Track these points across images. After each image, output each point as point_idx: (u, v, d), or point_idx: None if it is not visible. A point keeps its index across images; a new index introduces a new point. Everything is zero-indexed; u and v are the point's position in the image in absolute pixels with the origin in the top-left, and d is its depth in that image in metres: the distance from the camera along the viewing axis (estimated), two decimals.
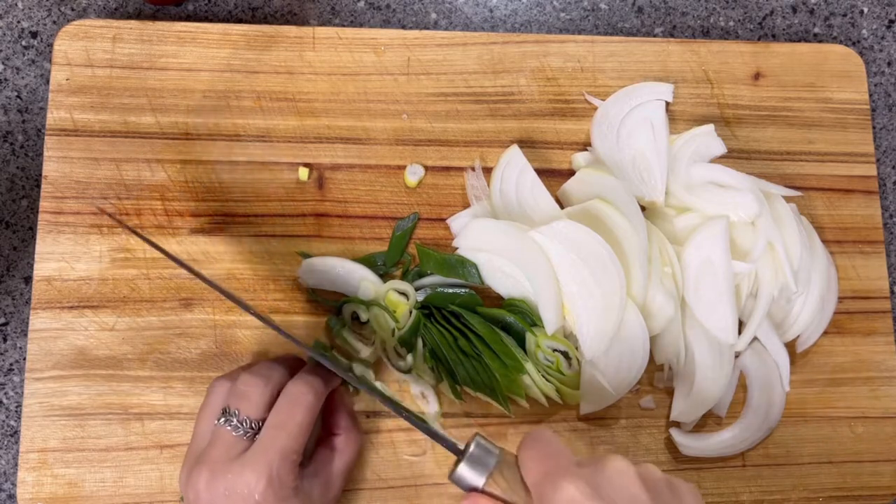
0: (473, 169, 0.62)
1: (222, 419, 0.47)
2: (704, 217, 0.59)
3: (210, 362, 0.57)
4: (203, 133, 0.60)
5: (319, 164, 0.61)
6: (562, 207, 0.61)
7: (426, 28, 0.67)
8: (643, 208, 0.60)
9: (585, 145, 0.63)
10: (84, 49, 0.60)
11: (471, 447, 0.44)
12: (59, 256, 0.58)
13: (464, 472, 0.43)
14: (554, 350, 0.57)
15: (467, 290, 0.58)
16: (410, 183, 0.61)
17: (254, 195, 0.60)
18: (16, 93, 0.62)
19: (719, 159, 0.63)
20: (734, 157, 0.64)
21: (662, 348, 0.59)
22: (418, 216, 0.61)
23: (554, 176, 0.62)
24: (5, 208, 0.61)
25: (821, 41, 0.70)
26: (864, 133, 0.66)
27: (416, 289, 0.58)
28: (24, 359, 0.59)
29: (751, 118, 0.65)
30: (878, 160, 0.68)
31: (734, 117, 0.65)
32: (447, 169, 0.62)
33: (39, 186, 0.60)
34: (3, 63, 0.63)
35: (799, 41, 0.70)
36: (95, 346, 0.57)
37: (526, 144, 0.62)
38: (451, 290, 0.58)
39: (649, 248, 0.57)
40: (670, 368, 0.60)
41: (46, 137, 0.59)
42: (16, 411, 0.59)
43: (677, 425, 0.59)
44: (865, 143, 0.66)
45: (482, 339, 0.56)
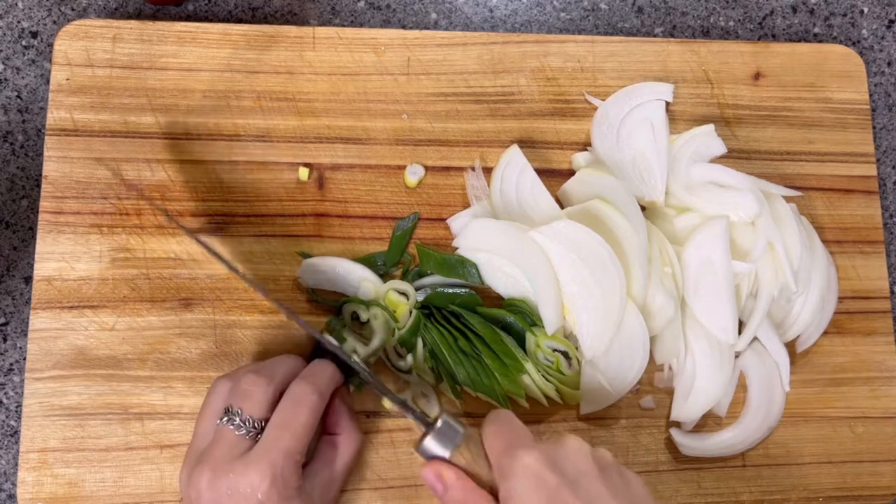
0: (473, 169, 0.62)
1: (225, 418, 0.47)
2: (704, 217, 0.59)
3: (210, 362, 0.57)
4: (203, 133, 0.60)
5: (319, 164, 0.61)
6: (562, 207, 0.61)
7: (426, 28, 0.67)
8: (643, 208, 0.60)
9: (585, 145, 0.63)
10: (84, 49, 0.60)
11: (438, 422, 0.47)
12: (59, 256, 0.58)
13: (429, 445, 0.47)
14: (554, 350, 0.57)
15: (467, 290, 0.58)
16: (410, 183, 0.61)
17: (254, 195, 0.60)
18: (16, 93, 0.62)
19: (719, 159, 0.63)
20: (734, 157, 0.64)
21: (662, 348, 0.59)
22: (418, 216, 0.61)
23: (554, 176, 0.62)
24: (5, 208, 0.61)
25: (821, 41, 0.70)
26: (864, 133, 0.66)
27: (416, 289, 0.58)
28: (24, 359, 0.59)
29: (751, 118, 0.65)
30: (878, 160, 0.68)
31: (734, 117, 0.65)
32: (447, 169, 0.62)
33: (39, 186, 0.60)
34: (3, 63, 0.63)
35: (799, 41, 0.70)
36: (95, 346, 0.57)
37: (526, 144, 0.62)
38: (451, 290, 0.58)
39: (649, 248, 0.57)
40: (670, 368, 0.60)
41: (46, 137, 0.59)
42: (16, 411, 0.59)
43: (677, 425, 0.59)
44: (865, 143, 0.66)
45: (482, 339, 0.56)
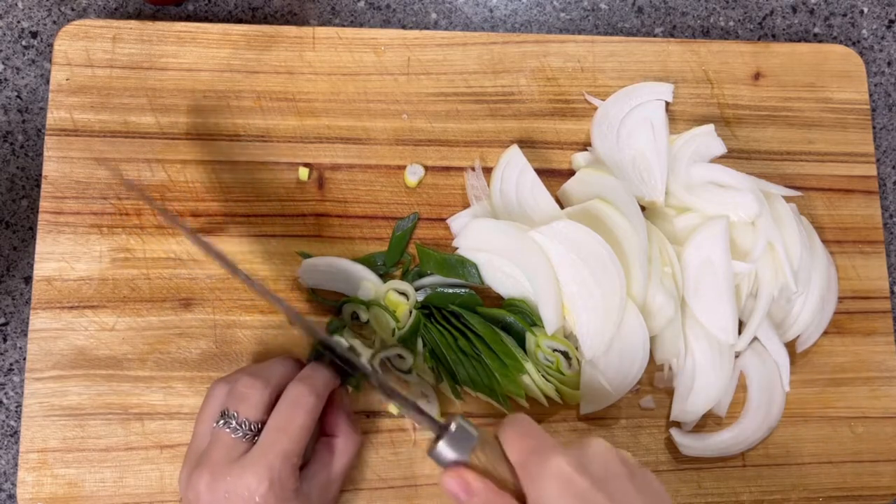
0: (473, 169, 0.62)
1: (221, 421, 0.47)
2: (704, 217, 0.59)
3: (210, 362, 0.57)
4: (203, 133, 0.60)
5: (319, 164, 0.61)
6: (562, 207, 0.61)
7: (426, 28, 0.67)
8: (643, 208, 0.60)
9: (585, 145, 0.63)
10: (84, 49, 0.60)
11: (451, 426, 0.45)
12: (59, 256, 0.58)
13: (443, 449, 0.44)
14: (554, 350, 0.57)
15: (467, 290, 0.58)
16: (410, 183, 0.61)
17: (254, 195, 0.60)
18: (16, 93, 0.62)
19: (719, 159, 0.63)
20: (734, 157, 0.64)
21: (662, 348, 0.59)
22: (418, 216, 0.61)
23: (554, 176, 0.62)
24: (5, 208, 0.61)
25: (821, 41, 0.70)
26: (864, 133, 0.66)
27: (416, 289, 0.58)
28: (24, 359, 0.59)
29: (751, 118, 0.65)
30: (878, 160, 0.68)
31: (734, 117, 0.65)
32: (447, 169, 0.62)
33: (39, 186, 0.60)
34: (3, 63, 0.63)
35: (799, 41, 0.70)
36: (95, 346, 0.57)
37: (526, 144, 0.62)
38: (451, 290, 0.58)
39: (649, 248, 0.57)
40: (670, 368, 0.59)
41: (46, 137, 0.59)
42: (16, 411, 0.59)
43: (677, 425, 0.59)
44: (865, 143, 0.66)
45: (482, 339, 0.56)
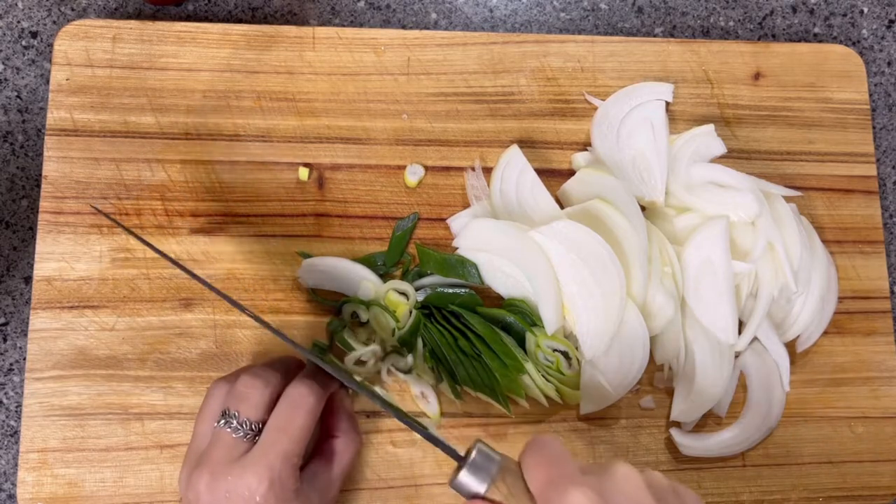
0: (473, 169, 0.62)
1: (222, 421, 0.47)
2: (704, 217, 0.59)
3: (210, 362, 0.57)
4: (203, 133, 0.60)
5: (319, 164, 0.61)
6: (562, 207, 0.61)
7: (426, 28, 0.67)
8: (643, 208, 0.60)
9: (585, 145, 0.63)
10: (84, 49, 0.60)
11: (472, 454, 0.43)
12: (59, 256, 0.58)
13: (465, 479, 0.42)
14: (554, 350, 0.57)
15: (467, 290, 0.58)
16: (410, 183, 0.61)
17: (254, 195, 0.60)
18: (16, 93, 0.62)
19: (719, 159, 0.63)
20: (734, 157, 0.64)
21: (662, 348, 0.59)
22: (418, 216, 0.61)
23: (554, 176, 0.62)
24: (5, 208, 0.61)
25: (821, 41, 0.70)
26: (864, 133, 0.66)
27: (416, 289, 0.58)
28: (24, 359, 0.59)
29: (751, 118, 0.65)
30: (878, 160, 0.68)
31: (734, 117, 0.65)
32: (447, 169, 0.62)
33: (39, 186, 0.60)
34: (3, 63, 0.63)
35: (799, 41, 0.70)
36: (95, 346, 0.57)
37: (526, 144, 0.62)
38: (451, 290, 0.58)
39: (649, 248, 0.57)
40: (670, 368, 0.59)
41: (46, 137, 0.59)
42: (16, 411, 0.59)
43: (677, 425, 0.59)
44: (865, 143, 0.66)
45: (482, 339, 0.56)
